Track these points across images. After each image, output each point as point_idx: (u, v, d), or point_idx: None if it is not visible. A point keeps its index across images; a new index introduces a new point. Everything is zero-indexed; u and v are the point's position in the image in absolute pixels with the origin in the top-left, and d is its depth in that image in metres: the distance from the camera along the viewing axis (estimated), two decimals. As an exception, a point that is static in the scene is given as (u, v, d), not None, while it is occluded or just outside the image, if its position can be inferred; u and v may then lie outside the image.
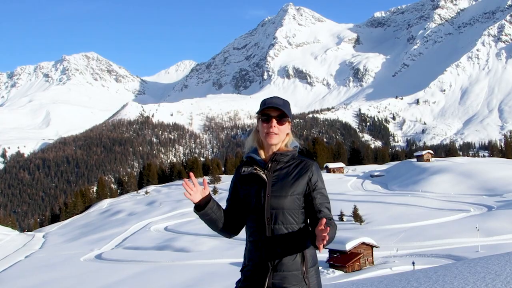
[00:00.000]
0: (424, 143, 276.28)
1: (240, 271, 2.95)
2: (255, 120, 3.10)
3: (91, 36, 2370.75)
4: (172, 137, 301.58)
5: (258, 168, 2.87)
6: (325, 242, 2.46)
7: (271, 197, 2.79)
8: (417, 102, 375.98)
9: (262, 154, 2.94)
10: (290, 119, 2.92)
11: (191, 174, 2.84)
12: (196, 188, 2.80)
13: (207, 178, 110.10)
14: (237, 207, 2.96)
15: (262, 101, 2.93)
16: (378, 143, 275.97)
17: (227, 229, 2.95)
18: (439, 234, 46.60)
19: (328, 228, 2.46)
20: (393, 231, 50.57)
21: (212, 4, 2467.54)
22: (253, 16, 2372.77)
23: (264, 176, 2.84)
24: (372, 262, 39.57)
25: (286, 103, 2.90)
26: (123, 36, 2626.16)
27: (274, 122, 2.83)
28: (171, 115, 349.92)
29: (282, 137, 2.89)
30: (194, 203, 2.80)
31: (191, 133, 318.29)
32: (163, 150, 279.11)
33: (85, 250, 59.67)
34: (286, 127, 2.90)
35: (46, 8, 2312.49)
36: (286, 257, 2.76)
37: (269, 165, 2.88)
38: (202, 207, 2.80)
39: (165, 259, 48.62)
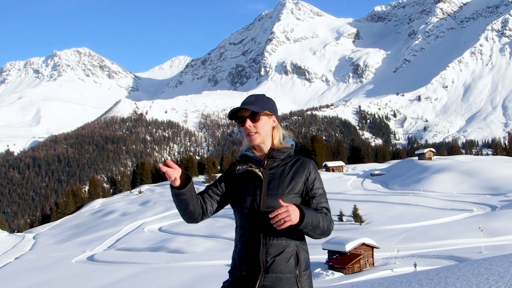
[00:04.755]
0: (426, 141, 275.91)
1: (229, 272, 2.87)
2: None
3: (83, 31, 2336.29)
4: (167, 135, 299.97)
5: (253, 166, 2.81)
6: (276, 220, 2.46)
7: (266, 196, 2.72)
8: (419, 98, 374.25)
9: (256, 153, 2.88)
10: (270, 113, 2.83)
11: (168, 161, 2.66)
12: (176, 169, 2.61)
13: (202, 177, 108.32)
14: (212, 195, 2.86)
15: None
16: (379, 141, 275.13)
17: (193, 213, 2.79)
18: (441, 234, 46.19)
19: (279, 211, 2.46)
20: (394, 232, 50.10)
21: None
22: (250, 10, 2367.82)
23: (260, 173, 2.77)
24: (373, 264, 39.25)
25: (259, 98, 2.84)
26: (116, 31, 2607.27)
27: (248, 122, 2.77)
28: (166, 112, 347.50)
29: (264, 134, 2.81)
30: (175, 185, 2.61)
31: (186, 131, 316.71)
32: (157, 148, 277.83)
33: (76, 252, 59.16)
34: (265, 122, 2.81)
35: (36, 2, 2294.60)
36: (280, 259, 2.68)
37: (265, 162, 2.81)
38: (183, 187, 2.64)
39: (159, 260, 48.11)
